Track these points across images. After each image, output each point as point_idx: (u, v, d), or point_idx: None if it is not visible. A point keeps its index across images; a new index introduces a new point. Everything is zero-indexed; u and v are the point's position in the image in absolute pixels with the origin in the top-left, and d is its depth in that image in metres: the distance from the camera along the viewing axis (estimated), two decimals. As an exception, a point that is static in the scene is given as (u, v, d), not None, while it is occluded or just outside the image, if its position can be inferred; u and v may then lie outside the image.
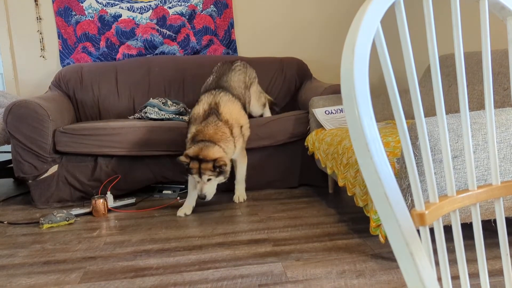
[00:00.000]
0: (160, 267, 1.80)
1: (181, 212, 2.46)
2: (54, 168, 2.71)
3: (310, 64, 3.77)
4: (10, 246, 2.11)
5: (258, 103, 2.99)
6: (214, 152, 2.35)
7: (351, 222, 2.22)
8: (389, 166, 0.56)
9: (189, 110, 3.19)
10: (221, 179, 2.43)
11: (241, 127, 2.58)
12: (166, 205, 2.66)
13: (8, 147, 3.67)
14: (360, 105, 0.55)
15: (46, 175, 2.69)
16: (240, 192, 2.71)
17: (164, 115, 3.02)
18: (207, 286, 1.61)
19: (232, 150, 2.50)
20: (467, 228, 1.98)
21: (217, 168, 2.34)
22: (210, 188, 2.40)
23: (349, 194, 2.01)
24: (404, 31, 0.62)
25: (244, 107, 2.69)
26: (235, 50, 3.71)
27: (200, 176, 2.36)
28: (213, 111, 2.50)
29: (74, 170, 2.74)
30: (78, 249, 2.04)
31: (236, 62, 2.90)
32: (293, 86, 3.45)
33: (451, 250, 1.66)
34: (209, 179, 2.37)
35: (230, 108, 2.55)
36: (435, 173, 1.54)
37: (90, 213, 2.54)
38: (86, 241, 2.13)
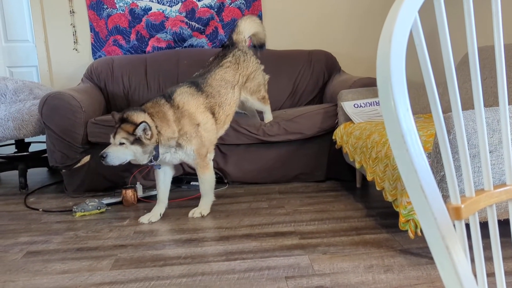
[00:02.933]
0: (188, 256, 1.83)
1: (144, 219, 2.26)
2: (86, 158, 2.79)
3: (339, 56, 3.72)
4: (45, 232, 2.19)
5: (254, 96, 2.69)
6: (139, 117, 2.13)
7: (379, 217, 2.20)
8: (425, 158, 0.55)
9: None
10: (139, 151, 2.13)
11: (198, 125, 2.28)
12: (194, 196, 2.69)
13: (43, 137, 3.80)
14: (396, 96, 0.54)
15: (78, 164, 2.77)
16: (200, 208, 2.34)
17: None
18: (234, 276, 1.63)
19: (169, 136, 2.20)
20: (500, 226, 1.93)
21: (136, 133, 2.10)
22: (117, 152, 2.13)
23: (377, 188, 1.99)
24: (442, 21, 0.61)
25: (213, 110, 2.37)
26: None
27: (114, 137, 2.14)
28: (166, 95, 2.30)
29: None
30: (109, 237, 2.09)
31: (227, 57, 2.58)
32: (321, 79, 3.42)
33: (485, 247, 1.62)
34: (122, 143, 2.12)
35: (187, 99, 2.28)
36: (468, 168, 1.50)
37: (120, 203, 2.60)
38: (117, 230, 2.18)
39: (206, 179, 2.35)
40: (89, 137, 2.76)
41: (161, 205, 2.35)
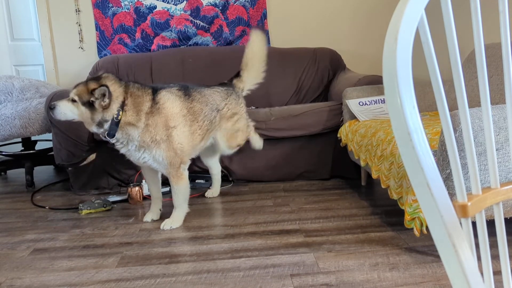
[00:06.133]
0: (193, 254, 1.84)
1: (147, 218, 2.28)
2: (92, 156, 2.80)
3: (344, 54, 3.72)
4: (51, 230, 2.21)
5: (227, 141, 2.44)
6: (112, 83, 2.02)
7: (384, 215, 2.19)
8: (431, 156, 0.55)
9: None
10: (87, 115, 2.01)
11: (173, 127, 2.12)
12: (199, 194, 2.70)
13: (49, 136, 3.82)
14: (403, 94, 0.54)
15: (84, 162, 2.79)
16: (171, 219, 2.19)
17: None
18: (240, 274, 1.64)
19: (130, 120, 2.04)
20: (507, 224, 1.92)
21: (94, 93, 1.98)
22: (65, 107, 2.03)
23: (383, 186, 1.99)
24: (449, 18, 0.61)
25: (195, 118, 2.23)
26: (267, 41, 3.70)
27: (72, 89, 2.05)
28: (156, 88, 2.18)
29: (111, 159, 2.82)
30: (115, 234, 2.10)
31: (220, 87, 2.46)
32: (326, 77, 3.42)
33: (492, 245, 1.62)
34: (73, 100, 2.02)
35: (171, 100, 2.15)
36: (474, 166, 1.49)
37: (126, 200, 2.61)
38: (123, 227, 2.19)
39: (180, 190, 2.18)
40: (95, 136, 2.77)
41: (156, 202, 2.32)
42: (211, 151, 2.60)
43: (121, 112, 2.03)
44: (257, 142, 2.63)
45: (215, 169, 2.68)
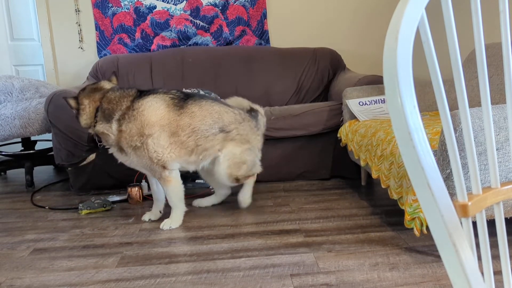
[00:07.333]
0: (193, 254, 1.84)
1: (145, 217, 2.29)
2: (92, 156, 2.80)
3: (344, 54, 3.72)
4: (51, 230, 2.21)
5: (229, 166, 2.22)
6: (81, 94, 2.16)
7: (384, 215, 2.19)
8: (432, 156, 0.55)
9: (221, 100, 3.21)
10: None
11: (148, 136, 2.08)
12: (199, 194, 2.70)
13: (49, 136, 3.82)
14: (403, 93, 0.54)
15: (84, 162, 2.79)
16: (170, 219, 2.19)
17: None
18: (240, 274, 1.64)
19: (101, 127, 2.13)
20: (507, 224, 1.92)
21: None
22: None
23: (383, 186, 1.99)
24: (449, 18, 0.61)
25: (182, 130, 2.12)
26: (267, 41, 3.70)
27: None
28: (143, 92, 2.17)
29: (111, 159, 2.82)
30: (115, 234, 2.10)
31: (239, 111, 2.29)
32: (326, 77, 3.42)
33: (492, 245, 1.62)
34: None
35: (151, 107, 2.09)
36: (474, 166, 1.49)
37: (126, 201, 2.61)
38: (123, 227, 2.19)
39: (170, 192, 2.17)
40: (95, 136, 2.77)
41: (157, 204, 2.32)
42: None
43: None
44: (246, 194, 2.37)
45: (223, 189, 2.51)
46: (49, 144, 3.81)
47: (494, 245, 1.66)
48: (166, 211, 2.33)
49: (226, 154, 2.22)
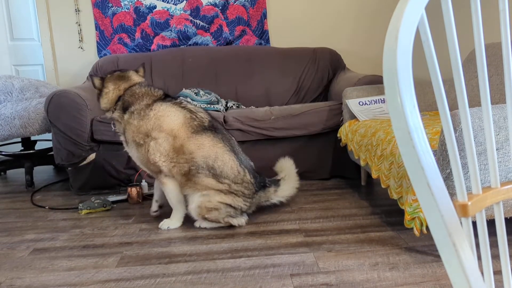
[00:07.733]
0: (193, 254, 1.84)
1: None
2: (92, 156, 2.80)
3: (344, 54, 3.72)
4: (51, 230, 2.21)
5: (199, 211, 2.09)
6: (108, 79, 2.21)
7: (384, 214, 2.19)
8: (432, 155, 0.55)
9: (221, 100, 3.21)
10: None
11: (152, 138, 2.08)
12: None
13: (49, 135, 3.82)
14: (403, 93, 0.54)
15: (84, 162, 2.79)
16: (169, 219, 2.18)
17: (196, 105, 3.05)
18: (239, 273, 1.64)
19: (116, 115, 2.17)
20: (507, 224, 1.92)
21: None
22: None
23: (383, 186, 1.99)
24: (449, 18, 0.61)
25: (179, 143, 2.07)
26: (267, 41, 3.70)
27: None
28: (170, 96, 2.21)
29: (111, 158, 2.82)
30: (115, 234, 2.10)
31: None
32: (326, 77, 3.42)
33: (492, 245, 1.62)
34: None
35: (170, 115, 2.09)
36: (474, 166, 1.49)
37: (125, 200, 2.61)
38: (123, 227, 2.19)
39: (167, 193, 2.15)
40: (95, 135, 2.77)
41: (154, 204, 2.32)
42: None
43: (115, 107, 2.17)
44: (195, 216, 2.15)
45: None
46: (49, 144, 3.81)
47: (494, 245, 1.66)
48: (166, 211, 2.33)
49: (204, 194, 2.09)
